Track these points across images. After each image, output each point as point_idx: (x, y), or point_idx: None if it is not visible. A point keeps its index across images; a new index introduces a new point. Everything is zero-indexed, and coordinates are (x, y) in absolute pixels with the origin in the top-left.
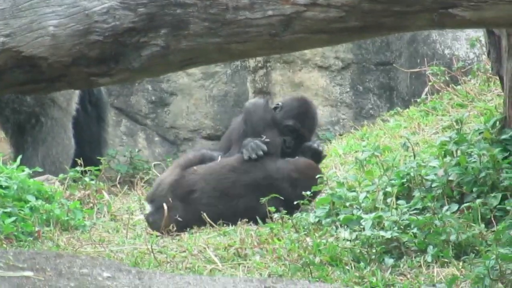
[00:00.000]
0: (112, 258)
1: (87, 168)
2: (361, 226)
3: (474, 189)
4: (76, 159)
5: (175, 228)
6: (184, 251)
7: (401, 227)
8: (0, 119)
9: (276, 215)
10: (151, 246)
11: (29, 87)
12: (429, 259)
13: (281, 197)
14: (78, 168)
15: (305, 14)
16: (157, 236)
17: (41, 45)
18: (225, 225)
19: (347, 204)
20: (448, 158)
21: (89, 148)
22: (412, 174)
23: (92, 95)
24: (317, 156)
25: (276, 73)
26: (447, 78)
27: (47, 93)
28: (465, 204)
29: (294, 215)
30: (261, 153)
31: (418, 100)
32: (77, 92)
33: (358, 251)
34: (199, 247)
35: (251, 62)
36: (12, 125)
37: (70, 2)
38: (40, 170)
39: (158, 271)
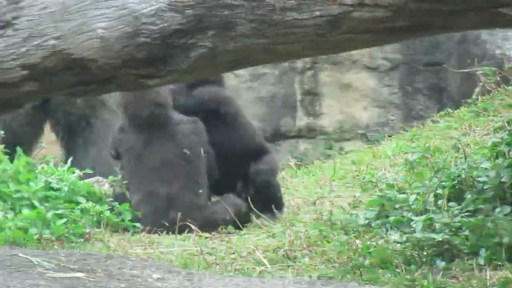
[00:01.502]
0: (162, 260)
1: None
2: (412, 228)
3: None
4: None
5: None
6: (233, 253)
7: (453, 229)
8: (51, 122)
9: None
10: (201, 248)
11: (79, 89)
12: (481, 262)
13: None
14: None
15: (353, 14)
16: (206, 237)
17: (91, 48)
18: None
19: (397, 206)
20: (500, 160)
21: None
22: (463, 175)
23: None
24: None
25: (324, 74)
26: (498, 78)
27: (97, 95)
28: None
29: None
30: None
31: (469, 100)
32: None
33: (409, 253)
34: (248, 249)
35: (299, 63)
36: (63, 127)
37: (118, 4)
38: (90, 171)
39: (208, 272)
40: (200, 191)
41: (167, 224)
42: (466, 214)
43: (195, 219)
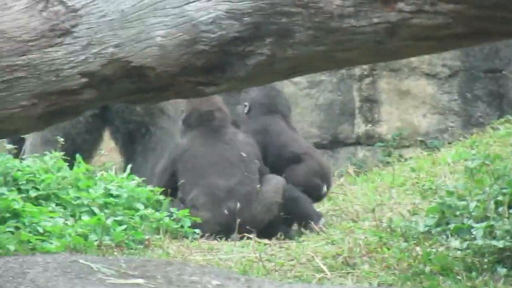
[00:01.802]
0: (221, 266)
1: None
2: (472, 235)
3: None
4: None
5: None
6: (292, 260)
7: None
8: (110, 129)
9: None
10: (260, 254)
11: (137, 97)
12: None
13: None
14: None
15: (411, 21)
16: (265, 244)
17: (149, 55)
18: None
19: (457, 213)
20: None
21: None
22: None
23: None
24: None
25: (382, 81)
26: None
27: (155, 103)
28: None
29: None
30: None
31: None
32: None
33: (470, 260)
34: (307, 256)
35: (357, 70)
36: (122, 134)
37: (177, 12)
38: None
39: (267, 279)
40: (257, 186)
41: (226, 212)
42: None
43: (252, 207)
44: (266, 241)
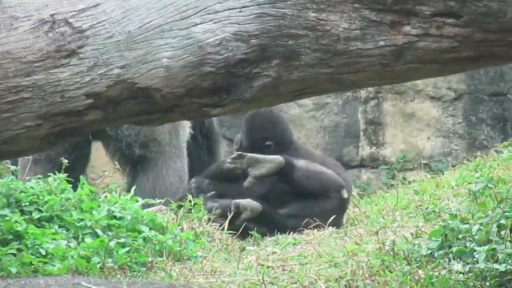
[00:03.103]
0: None
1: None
2: (475, 259)
3: None
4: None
5: None
6: (295, 283)
7: None
8: (114, 151)
9: None
10: (263, 277)
11: (143, 118)
12: None
13: None
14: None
15: (417, 44)
16: (268, 267)
17: (155, 77)
18: None
19: (460, 236)
20: None
21: None
22: None
23: (204, 127)
24: None
25: (387, 103)
26: None
27: (160, 124)
28: None
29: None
30: None
31: None
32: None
33: (472, 284)
34: (310, 279)
35: (363, 93)
36: (126, 157)
37: (183, 34)
38: (152, 201)
39: None
40: None
41: None
42: None
43: None
44: (269, 263)
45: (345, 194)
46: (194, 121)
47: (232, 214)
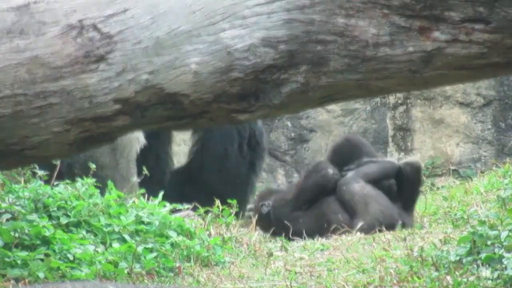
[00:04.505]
0: None
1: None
2: (503, 265)
3: None
4: (215, 198)
5: None
6: None
7: None
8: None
9: None
10: (290, 283)
11: (171, 124)
12: None
13: None
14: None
15: (446, 50)
16: (296, 273)
17: (184, 82)
18: None
19: (489, 242)
20: None
21: (233, 188)
22: None
23: (253, 139)
24: None
25: (416, 109)
26: None
27: (189, 129)
28: None
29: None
30: None
31: None
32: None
33: None
34: (338, 284)
35: (391, 99)
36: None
37: (212, 40)
38: (180, 206)
39: None
40: None
41: None
42: None
43: None
44: (297, 269)
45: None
46: (244, 131)
47: None
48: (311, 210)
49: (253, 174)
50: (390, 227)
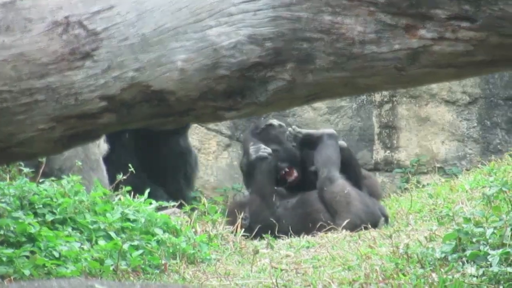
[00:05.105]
0: None
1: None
2: (488, 262)
3: None
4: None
5: None
6: (309, 286)
7: None
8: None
9: None
10: (276, 280)
11: (157, 121)
12: None
13: None
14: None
15: (432, 48)
16: (281, 270)
17: (170, 80)
18: None
19: (474, 240)
20: None
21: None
22: None
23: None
24: None
25: (402, 107)
26: None
27: (175, 127)
28: None
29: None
30: None
31: None
32: None
33: (485, 287)
34: (324, 282)
35: (377, 97)
36: None
37: (198, 37)
38: (166, 204)
39: None
40: None
41: None
42: None
43: None
44: (283, 266)
45: None
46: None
47: None
48: (294, 210)
49: (189, 167)
50: (373, 224)
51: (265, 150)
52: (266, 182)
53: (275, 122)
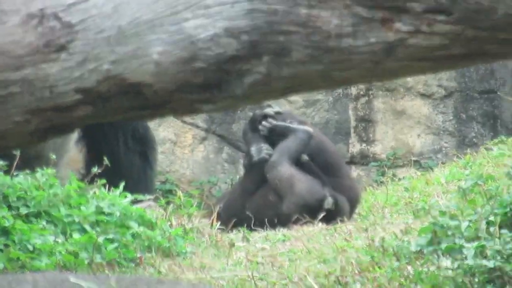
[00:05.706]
0: (213, 285)
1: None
2: (463, 255)
3: None
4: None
5: None
6: (285, 279)
7: (504, 256)
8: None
9: None
10: (252, 273)
11: (134, 114)
12: None
13: None
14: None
15: (408, 41)
16: (257, 263)
17: (146, 72)
18: None
19: (449, 233)
20: None
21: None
22: None
23: (137, 132)
24: None
25: (378, 100)
26: None
27: (152, 120)
28: None
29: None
30: None
31: None
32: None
33: (460, 280)
34: (300, 275)
35: (353, 90)
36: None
37: (175, 30)
38: (142, 197)
39: None
40: None
41: None
42: None
43: None
44: (259, 259)
45: None
46: (125, 126)
47: None
48: (255, 200)
49: (148, 166)
50: (318, 205)
51: (267, 151)
52: (258, 180)
53: (270, 111)
